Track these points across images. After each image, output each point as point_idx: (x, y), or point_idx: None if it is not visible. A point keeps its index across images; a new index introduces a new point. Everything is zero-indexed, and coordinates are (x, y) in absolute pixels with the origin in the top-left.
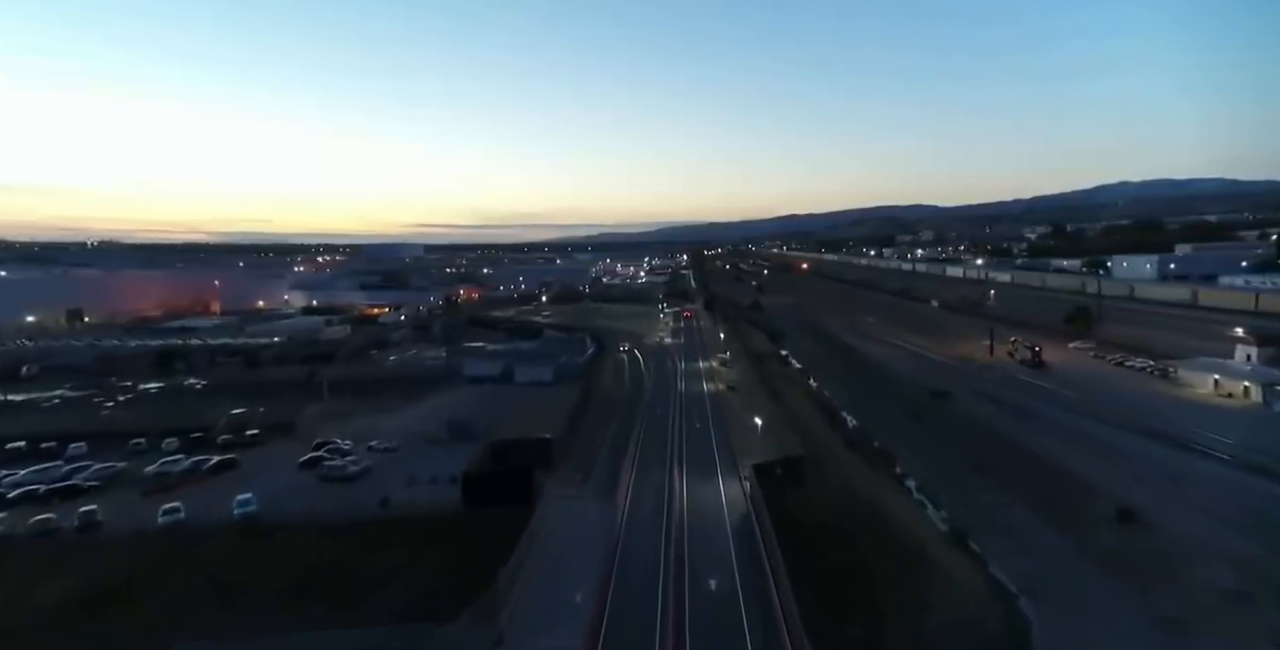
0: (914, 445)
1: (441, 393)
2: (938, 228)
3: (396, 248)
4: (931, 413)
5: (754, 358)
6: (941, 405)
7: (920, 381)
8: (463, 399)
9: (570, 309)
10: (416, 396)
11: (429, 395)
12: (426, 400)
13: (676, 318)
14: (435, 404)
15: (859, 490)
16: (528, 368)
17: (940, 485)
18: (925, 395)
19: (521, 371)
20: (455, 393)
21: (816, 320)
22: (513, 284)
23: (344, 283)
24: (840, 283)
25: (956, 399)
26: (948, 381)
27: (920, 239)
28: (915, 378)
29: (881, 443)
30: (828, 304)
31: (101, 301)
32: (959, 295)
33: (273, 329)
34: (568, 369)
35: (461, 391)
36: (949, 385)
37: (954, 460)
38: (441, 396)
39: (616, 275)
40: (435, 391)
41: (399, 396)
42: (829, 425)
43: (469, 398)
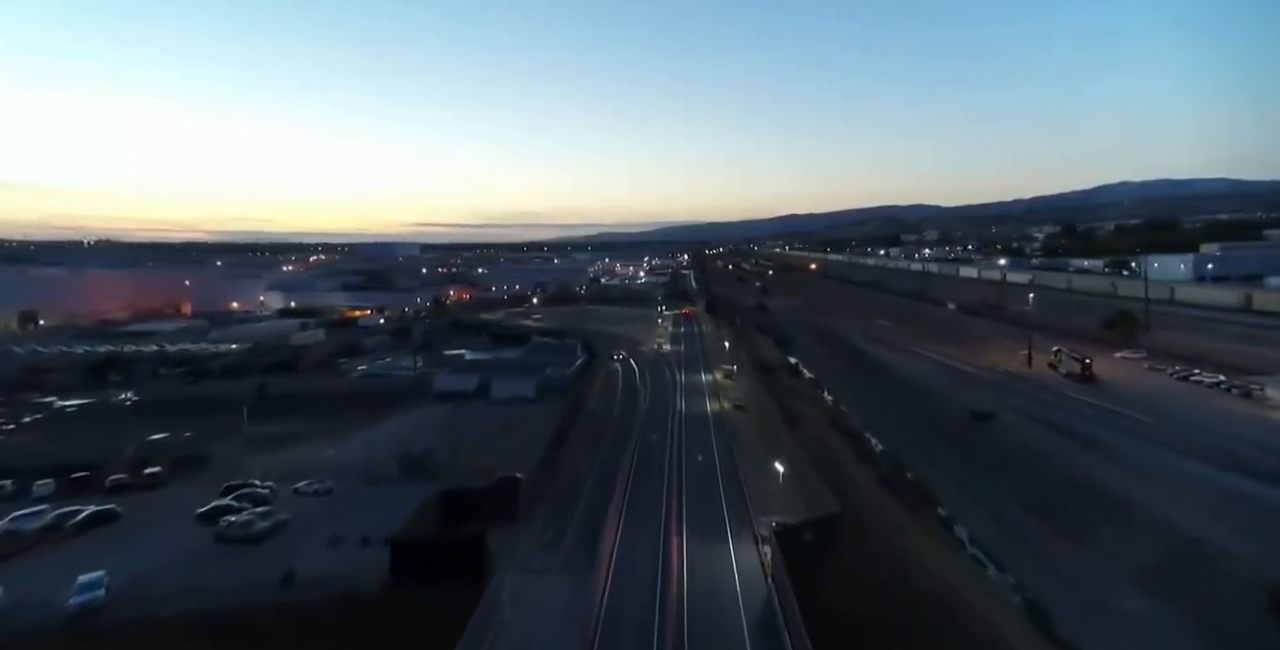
0: (959, 482)
1: (405, 412)
2: (940, 228)
3: (392, 247)
4: (974, 439)
5: (762, 369)
6: (984, 429)
7: (954, 398)
8: (427, 420)
9: (564, 311)
10: (376, 416)
11: (390, 415)
12: (385, 422)
13: (676, 321)
14: (393, 427)
15: (903, 551)
16: (507, 382)
17: (999, 537)
18: (963, 416)
19: (500, 386)
20: (420, 412)
21: (826, 324)
22: (506, 285)
23: (324, 283)
24: (848, 284)
25: (1001, 421)
26: (986, 398)
27: (925, 239)
28: (947, 393)
29: (920, 478)
30: (837, 306)
31: (60, 303)
32: (978, 297)
33: (238, 334)
34: (553, 383)
35: (428, 410)
36: (989, 403)
37: (1010, 503)
38: (403, 417)
39: (616, 275)
40: (398, 410)
41: (356, 416)
42: (856, 455)
43: (435, 419)
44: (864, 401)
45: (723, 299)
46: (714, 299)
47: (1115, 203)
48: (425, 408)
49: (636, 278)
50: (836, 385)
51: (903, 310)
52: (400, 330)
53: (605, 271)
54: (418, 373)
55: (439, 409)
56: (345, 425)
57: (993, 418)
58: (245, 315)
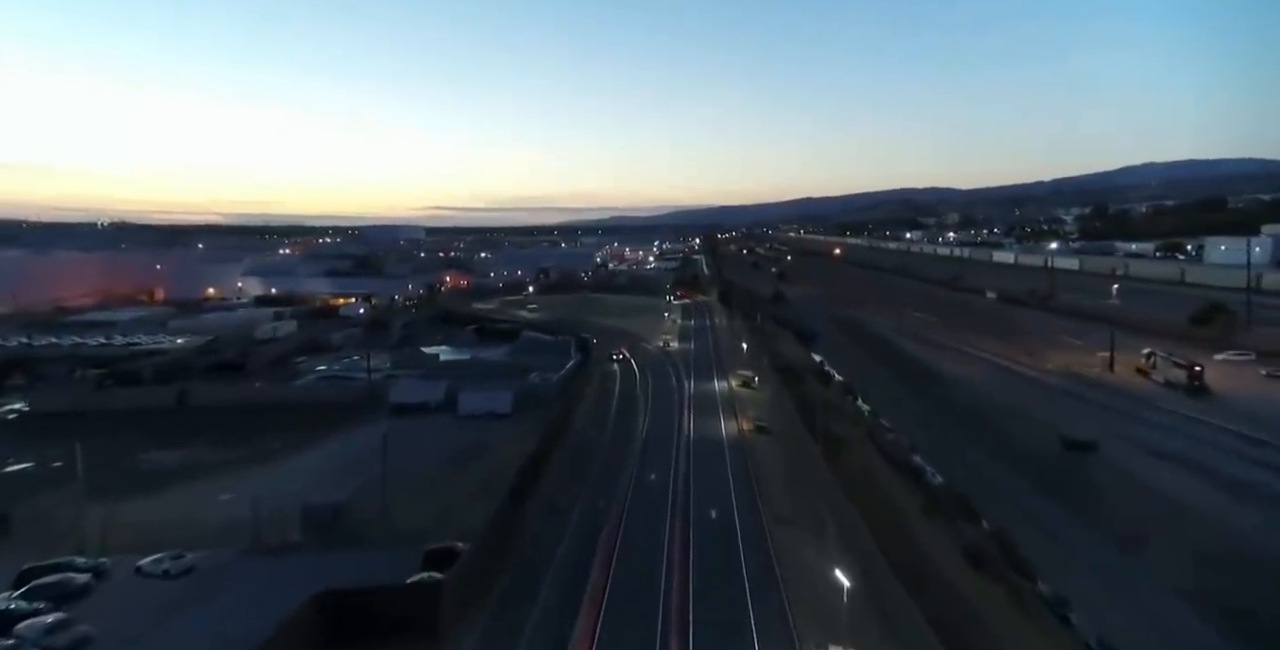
0: (1080, 554)
1: (351, 430)
2: (959, 210)
3: (396, 230)
4: (1075, 480)
5: (785, 372)
6: (1085, 465)
7: (1029, 415)
8: (368, 446)
9: (565, 300)
10: (314, 436)
11: (331, 434)
12: (319, 446)
13: (686, 313)
14: (325, 455)
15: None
16: (477, 395)
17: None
18: (1052, 444)
19: (468, 400)
20: (368, 432)
21: (853, 316)
22: (506, 271)
23: (307, 269)
24: (871, 270)
25: (1105, 453)
26: (1069, 415)
27: (945, 222)
28: (1018, 409)
29: (1026, 553)
30: (863, 295)
31: (16, 289)
32: (1021, 285)
33: (201, 324)
34: (536, 392)
35: (378, 429)
36: (1081, 424)
37: (1167, 597)
38: (345, 439)
39: (624, 260)
40: (344, 427)
41: (289, 436)
42: (922, 506)
43: (378, 443)
44: (913, 418)
45: (738, 287)
46: (728, 287)
47: (1141, 184)
48: (375, 425)
49: (645, 263)
50: (876, 395)
51: (937, 300)
52: (375, 324)
53: (613, 256)
54: (375, 379)
55: (389, 428)
56: (267, 450)
57: (1094, 448)
58: (219, 303)
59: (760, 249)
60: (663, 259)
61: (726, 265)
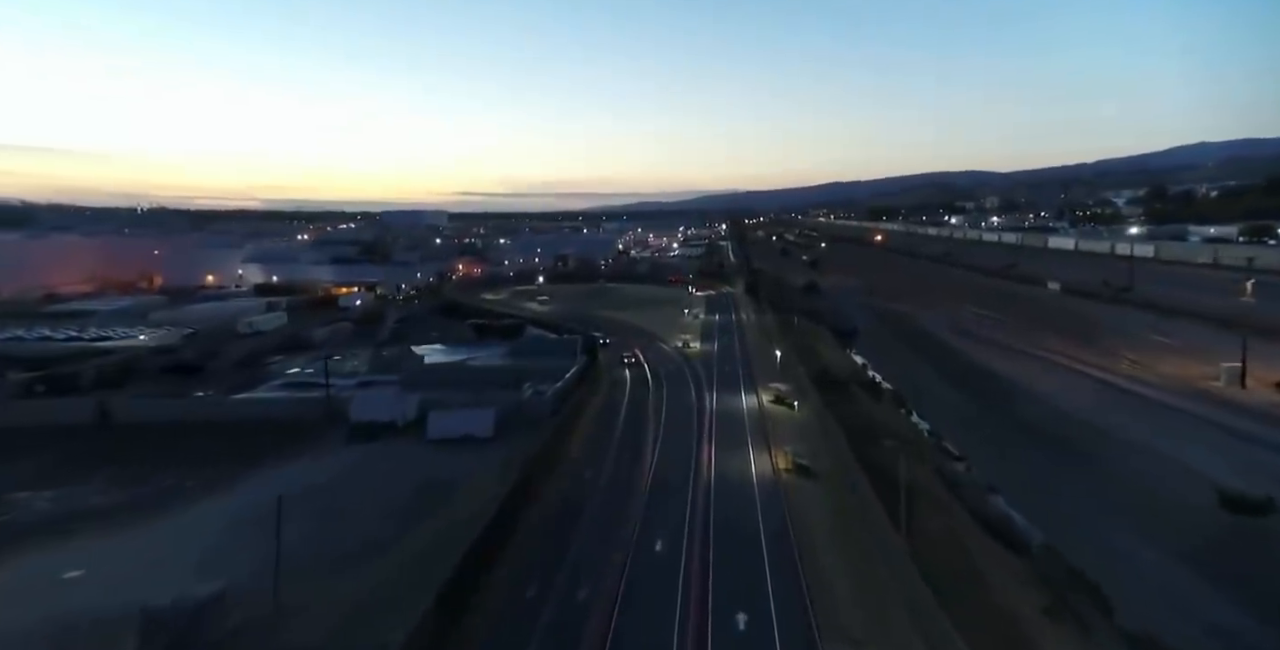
0: None
1: (291, 460)
2: (999, 194)
3: (418, 215)
4: (1261, 562)
5: (826, 384)
6: (1269, 537)
7: (1157, 451)
8: (307, 485)
9: (579, 291)
10: (239, 470)
11: (258, 468)
12: (236, 486)
13: (710, 306)
14: (239, 505)
15: None
16: (451, 415)
17: None
18: (1202, 497)
19: (440, 421)
20: (305, 466)
21: (897, 311)
22: (523, 258)
23: (310, 255)
24: (912, 257)
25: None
26: (1219, 455)
27: (984, 205)
28: (1137, 441)
29: None
30: (905, 286)
31: (12, 273)
32: (1088, 275)
33: (184, 316)
34: (526, 409)
35: (323, 460)
36: (1235, 468)
37: None
38: (272, 476)
39: (647, 247)
40: (286, 455)
41: (208, 469)
42: (1044, 610)
43: (324, 479)
44: (992, 447)
45: (767, 277)
46: (756, 276)
47: (1195, 164)
48: (324, 453)
49: (669, 250)
50: (938, 412)
51: (991, 292)
52: (369, 317)
53: (636, 243)
54: (343, 389)
55: (342, 456)
56: (174, 491)
57: (1271, 510)
58: (215, 291)
59: (789, 235)
60: (687, 245)
61: (754, 252)
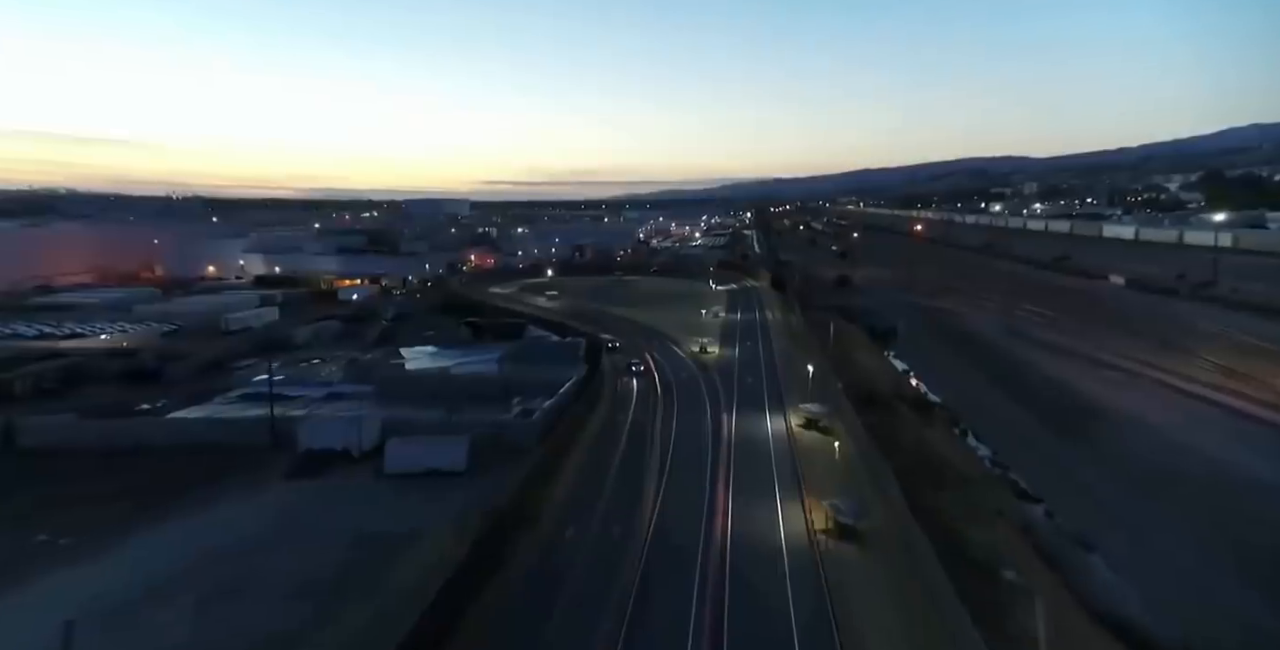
0: None
1: (204, 505)
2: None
3: (440, 203)
4: None
5: (865, 401)
6: None
7: None
8: (205, 543)
9: (593, 284)
10: (137, 518)
11: (163, 517)
12: (120, 545)
13: (732, 302)
14: (131, 567)
15: None
16: (415, 447)
17: None
18: None
19: (401, 452)
20: (225, 512)
21: (939, 308)
22: (538, 248)
23: (314, 246)
24: (951, 248)
25: None
26: None
27: (1022, 192)
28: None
29: None
30: (945, 279)
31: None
32: (1163, 268)
33: (171, 310)
34: (509, 436)
35: (253, 502)
36: None
37: None
38: (171, 528)
39: (669, 236)
40: (200, 498)
41: (99, 512)
42: None
43: (223, 540)
44: (1066, 479)
45: (794, 269)
46: (782, 269)
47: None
48: (250, 494)
49: (691, 240)
50: (1004, 437)
51: (1045, 287)
52: (362, 314)
53: (658, 232)
54: (272, 423)
55: (273, 498)
56: (30, 555)
57: None
58: (214, 283)
59: (817, 224)
60: (710, 235)
61: (780, 242)
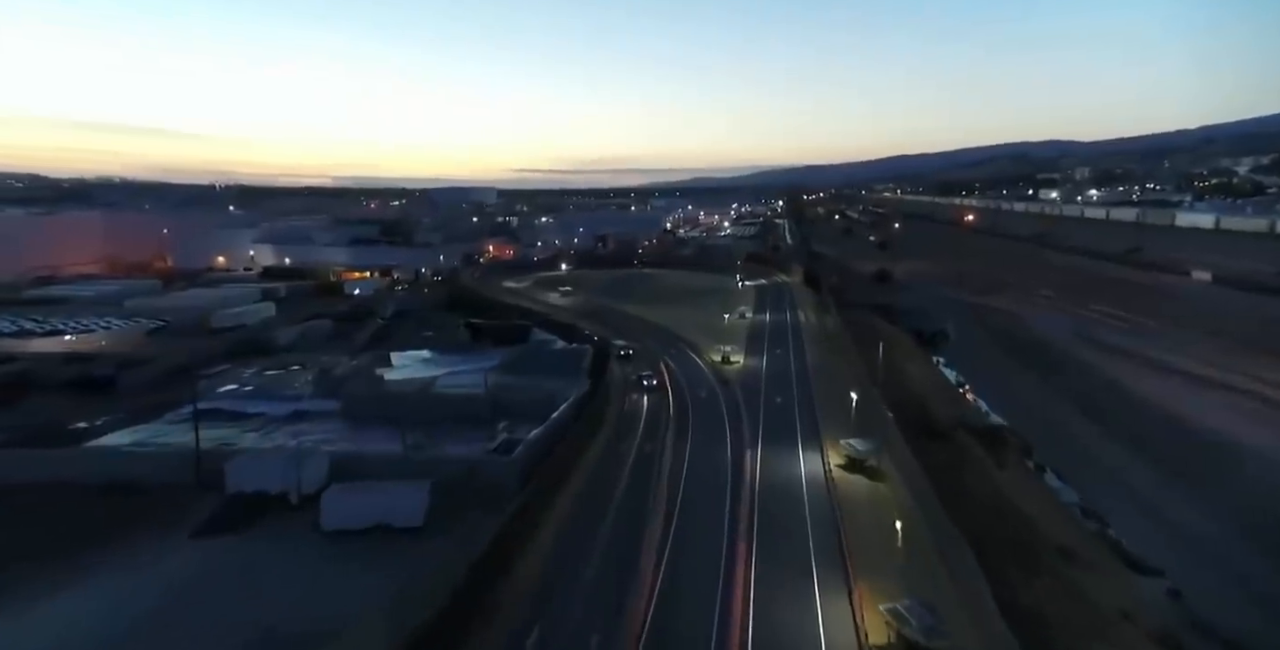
0: None
1: (69, 578)
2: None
3: (466, 192)
4: None
5: (919, 429)
6: None
7: None
8: None
9: (611, 278)
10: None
11: (17, 591)
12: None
13: (760, 300)
14: None
15: None
16: (361, 495)
17: None
18: None
19: (339, 505)
20: (83, 595)
21: (996, 308)
22: (560, 238)
23: (325, 236)
24: (1001, 238)
25: None
26: None
27: (1075, 177)
28: None
29: None
30: (1000, 274)
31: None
32: (1260, 263)
33: (163, 304)
34: (485, 477)
35: (118, 584)
36: None
37: None
38: (57, 605)
39: (697, 225)
40: (71, 567)
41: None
42: None
43: (71, 634)
44: (1237, 582)
45: (829, 262)
46: (816, 262)
47: None
48: (146, 560)
49: (720, 229)
50: (1100, 479)
51: (1115, 283)
52: (358, 313)
53: (686, 221)
54: (198, 460)
55: (168, 568)
56: None
57: None
58: (220, 274)
59: (853, 212)
60: (740, 224)
61: (813, 232)
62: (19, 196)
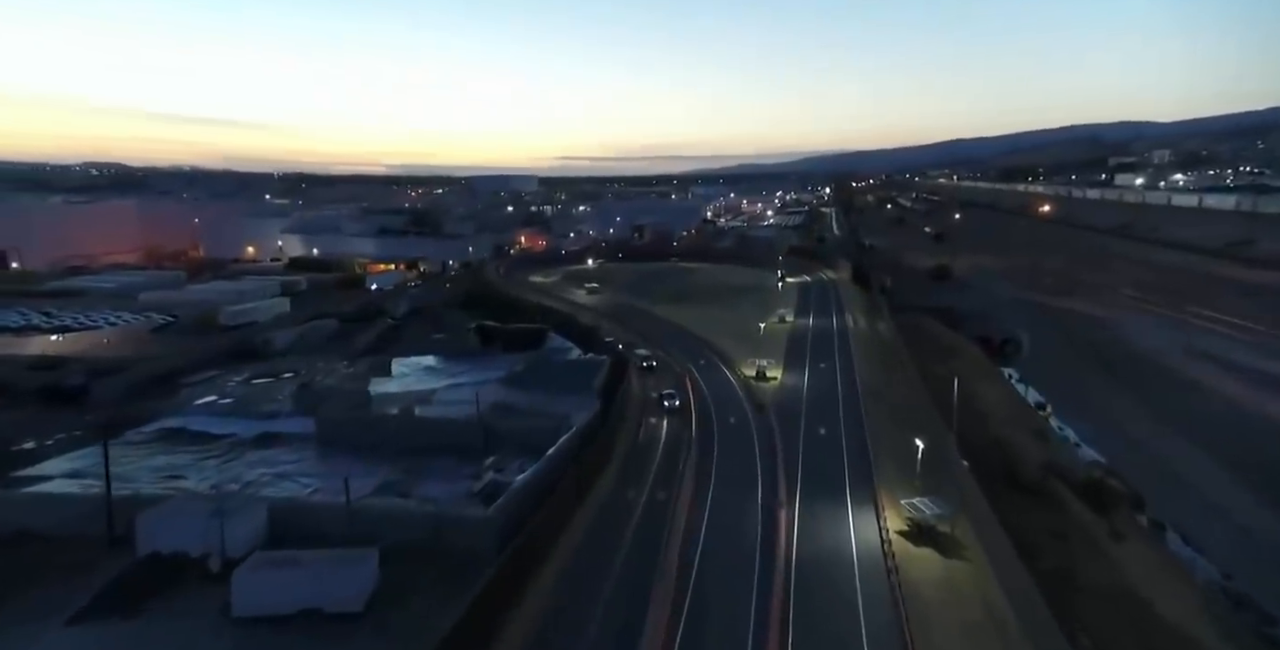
0: None
1: None
2: (1168, 146)
3: (507, 180)
4: None
5: (998, 468)
6: None
7: None
8: None
9: (642, 273)
10: None
11: None
12: None
13: (803, 301)
14: None
15: None
16: (284, 574)
17: None
18: None
19: (254, 584)
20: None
21: (1079, 313)
22: (593, 229)
23: (353, 226)
24: (1077, 229)
25: None
26: None
27: (1153, 160)
28: None
29: None
30: (1078, 272)
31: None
32: None
33: (178, 298)
34: (452, 540)
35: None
36: None
37: None
38: None
39: (740, 213)
40: None
41: None
42: None
43: None
44: None
45: (880, 256)
46: (865, 256)
47: None
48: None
49: (763, 218)
50: (1249, 555)
51: (1228, 284)
52: (368, 311)
53: (727, 209)
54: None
55: None
56: None
57: None
58: (248, 265)
59: (905, 200)
60: (784, 213)
61: (862, 222)
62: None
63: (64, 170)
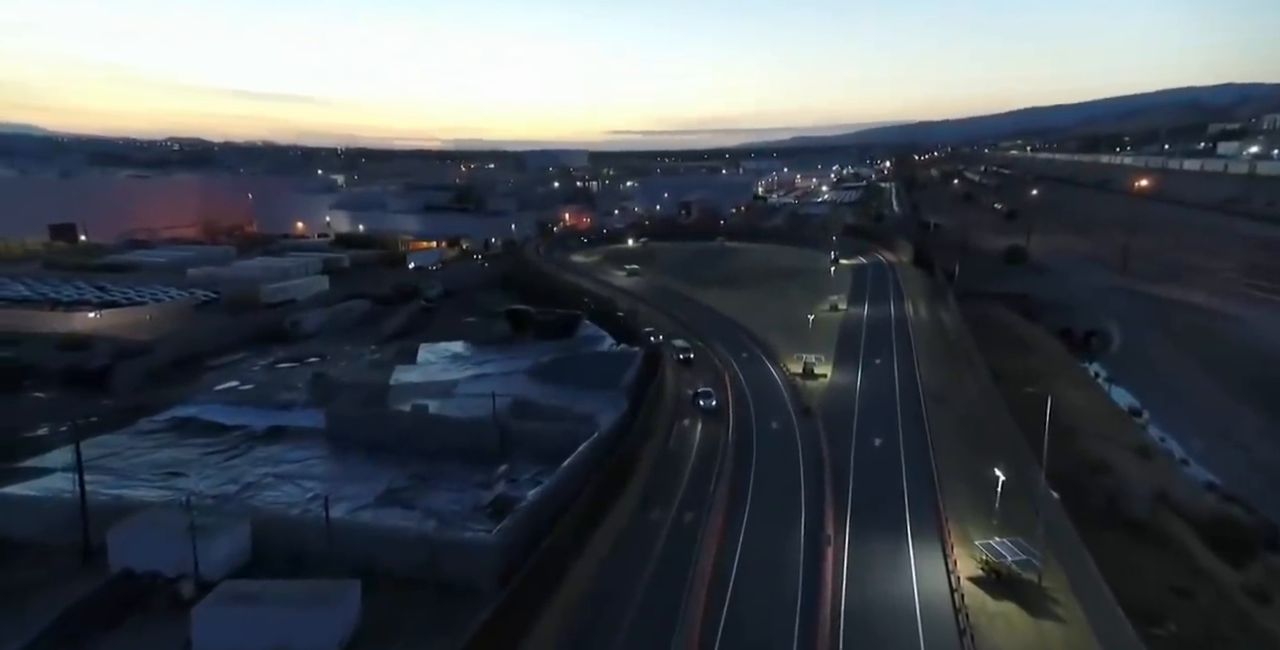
0: None
1: None
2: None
3: (557, 154)
4: None
5: (1094, 498)
6: None
7: None
8: None
9: (686, 253)
10: None
11: None
12: None
13: (858, 286)
14: None
15: None
16: (254, 609)
17: None
18: None
19: (218, 618)
20: None
21: (1183, 304)
22: (639, 205)
23: (398, 203)
24: (1174, 205)
25: None
26: None
27: (1264, 127)
28: None
29: None
30: (1181, 254)
31: (115, 215)
32: None
33: (224, 275)
34: (450, 565)
35: None
36: None
37: None
38: None
39: (793, 189)
40: None
41: None
42: None
43: None
44: None
45: (945, 236)
46: (927, 235)
47: None
48: None
49: (817, 194)
50: None
51: None
52: (403, 291)
53: (779, 185)
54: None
55: None
56: None
57: None
58: (298, 240)
59: (973, 174)
60: (840, 188)
61: (925, 198)
62: (155, 158)
63: (148, 145)
